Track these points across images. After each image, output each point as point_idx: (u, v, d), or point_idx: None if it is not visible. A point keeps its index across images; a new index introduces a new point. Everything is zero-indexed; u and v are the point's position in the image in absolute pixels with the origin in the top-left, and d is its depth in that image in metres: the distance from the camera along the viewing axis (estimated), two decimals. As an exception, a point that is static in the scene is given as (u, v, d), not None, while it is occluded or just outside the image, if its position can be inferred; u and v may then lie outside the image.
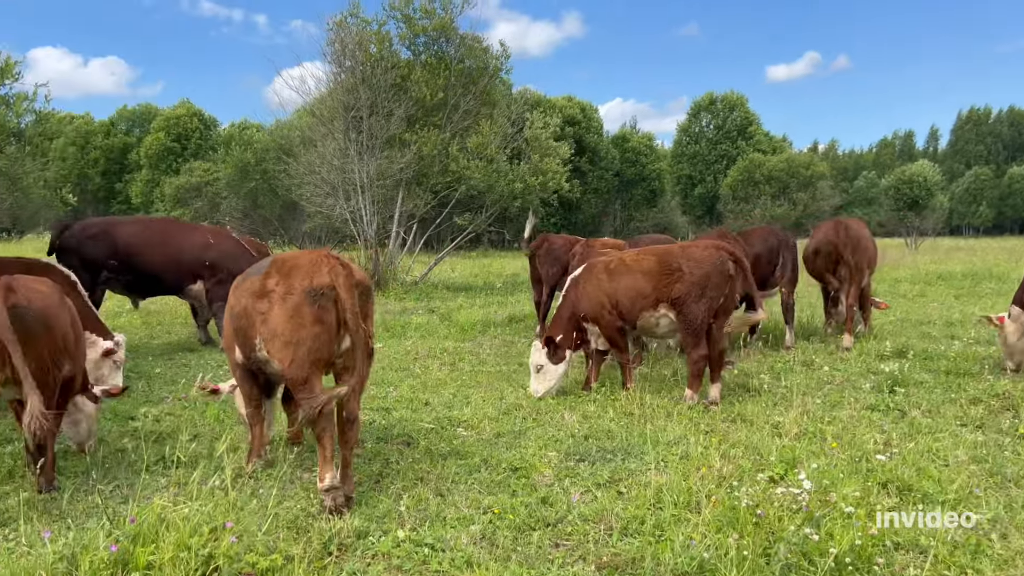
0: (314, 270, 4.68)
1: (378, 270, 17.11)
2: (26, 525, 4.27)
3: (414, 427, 6.58)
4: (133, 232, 10.47)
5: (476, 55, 18.20)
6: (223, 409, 7.14)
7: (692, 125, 67.50)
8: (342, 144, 17.24)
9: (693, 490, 4.79)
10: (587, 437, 6.19)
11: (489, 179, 17.69)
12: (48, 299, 4.99)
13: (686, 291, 7.11)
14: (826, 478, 4.92)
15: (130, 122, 68.19)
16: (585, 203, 55.59)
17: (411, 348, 10.73)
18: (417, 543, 4.21)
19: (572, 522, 4.52)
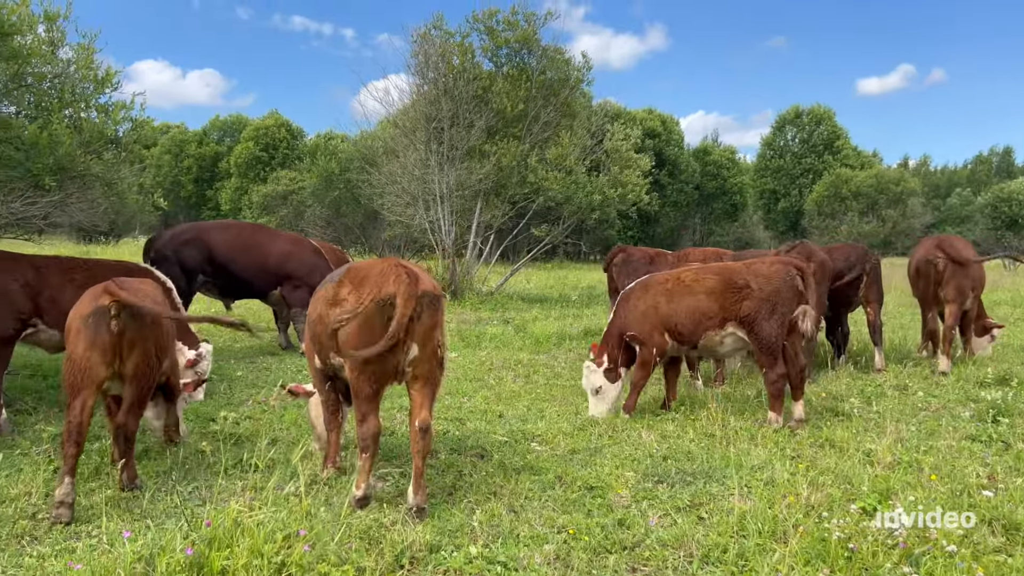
0: (383, 280, 4.68)
1: (455, 280, 17.21)
2: (108, 523, 4.37)
3: (488, 440, 6.50)
4: (227, 239, 10.79)
5: (558, 67, 18.16)
6: (301, 415, 7.23)
7: (776, 138, 65.81)
8: (423, 155, 17.44)
9: (779, 519, 4.55)
10: (666, 458, 5.98)
11: (567, 190, 17.60)
12: (157, 297, 5.26)
13: (756, 308, 6.85)
14: (925, 513, 4.59)
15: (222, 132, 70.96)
16: (664, 216, 54.82)
17: (486, 359, 10.69)
18: (490, 560, 4.11)
19: (650, 546, 4.34)
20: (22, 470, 5.39)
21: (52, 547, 4.23)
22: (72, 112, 7.82)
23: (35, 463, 5.58)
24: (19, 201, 6.72)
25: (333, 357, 5.00)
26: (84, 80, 8.08)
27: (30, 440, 6.25)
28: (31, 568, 3.97)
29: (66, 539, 4.36)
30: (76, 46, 8.15)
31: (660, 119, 56.89)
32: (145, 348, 4.99)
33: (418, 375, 4.80)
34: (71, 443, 4.72)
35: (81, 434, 4.75)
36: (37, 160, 6.87)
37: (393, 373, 4.80)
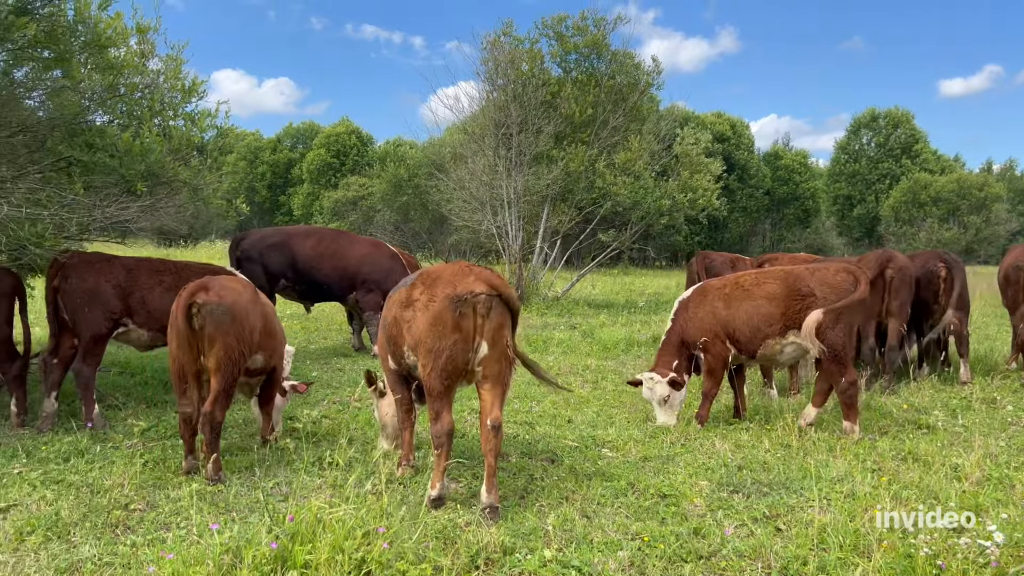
0: (456, 279, 4.83)
1: (521, 285, 17.26)
2: (196, 516, 4.54)
3: (558, 444, 6.51)
4: (309, 245, 11.11)
5: (627, 71, 18.06)
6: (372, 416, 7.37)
7: (851, 143, 63.86)
8: (491, 160, 17.57)
9: (861, 532, 4.42)
10: (741, 468, 5.88)
11: (636, 195, 17.47)
12: (239, 296, 5.55)
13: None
14: (1018, 531, 4.39)
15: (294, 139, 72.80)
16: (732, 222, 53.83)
17: (553, 364, 10.69)
18: (564, 564, 4.11)
19: (727, 556, 4.28)
20: (114, 463, 5.65)
21: (144, 536, 4.43)
22: (161, 120, 8.16)
23: (126, 456, 5.85)
24: (113, 206, 7.04)
25: (407, 356, 5.11)
26: (172, 90, 8.42)
27: (121, 434, 6.54)
28: (125, 556, 4.16)
29: (156, 529, 4.56)
30: (165, 57, 8.49)
31: (730, 123, 55.93)
32: (226, 343, 5.32)
33: (488, 375, 4.86)
34: (186, 429, 5.48)
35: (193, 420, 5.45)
36: (130, 166, 7.20)
37: (463, 371, 4.89)
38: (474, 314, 4.76)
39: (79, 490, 5.14)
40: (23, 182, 7.13)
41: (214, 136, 8.41)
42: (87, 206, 7.05)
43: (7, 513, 4.77)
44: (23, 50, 7.09)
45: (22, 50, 7.08)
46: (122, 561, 4.08)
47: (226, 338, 5.34)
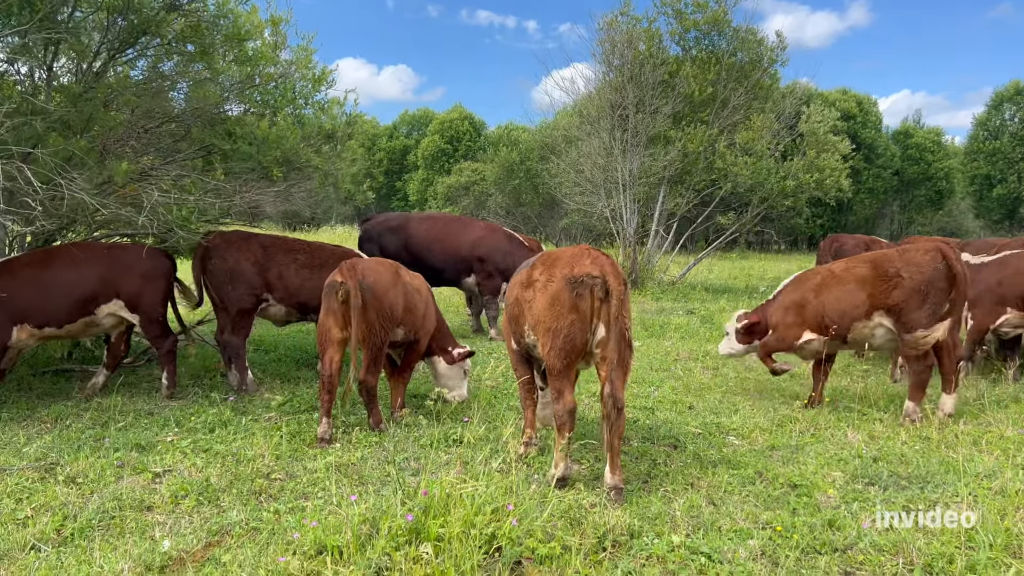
0: (575, 261, 4.91)
1: (636, 269, 17.04)
2: (334, 487, 4.75)
3: (680, 430, 6.41)
4: (424, 228, 11.40)
5: (749, 47, 17.39)
6: (495, 395, 7.50)
7: (992, 118, 59.19)
8: (606, 142, 17.36)
9: (1013, 532, 4.14)
10: (876, 459, 5.61)
11: (757, 176, 16.84)
12: (380, 275, 6.16)
13: (906, 298, 6.52)
14: None
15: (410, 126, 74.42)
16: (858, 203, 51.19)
17: (671, 349, 10.53)
18: (692, 550, 4.06)
19: (864, 550, 4.11)
20: (255, 434, 6.00)
21: (286, 504, 4.68)
22: (294, 109, 8.54)
23: (265, 429, 6.19)
24: (252, 191, 7.45)
25: (527, 335, 5.21)
26: (303, 79, 8.80)
27: (260, 408, 6.93)
28: (269, 521, 4.42)
29: (296, 498, 4.81)
30: (296, 48, 8.88)
31: (856, 100, 53.09)
32: (367, 317, 5.88)
33: (606, 356, 4.85)
34: (324, 391, 5.95)
35: (332, 383, 5.96)
36: (266, 153, 7.60)
37: (581, 351, 4.93)
38: (591, 296, 4.79)
39: (225, 459, 5.49)
40: (169, 169, 7.65)
41: (343, 123, 8.73)
42: (228, 191, 7.49)
43: (163, 477, 5.16)
44: (171, 44, 7.58)
45: (170, 44, 7.56)
46: (267, 527, 4.33)
47: (367, 313, 5.89)
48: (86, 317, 6.98)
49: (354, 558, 3.77)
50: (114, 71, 7.70)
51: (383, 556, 3.76)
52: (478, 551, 3.80)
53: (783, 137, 18.00)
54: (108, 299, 7.03)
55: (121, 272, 7.06)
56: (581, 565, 3.83)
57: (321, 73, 8.93)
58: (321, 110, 8.68)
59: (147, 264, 7.20)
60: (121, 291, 7.06)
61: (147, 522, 4.43)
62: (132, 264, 7.12)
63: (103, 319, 7.10)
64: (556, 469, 4.95)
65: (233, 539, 4.21)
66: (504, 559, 3.83)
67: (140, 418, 6.57)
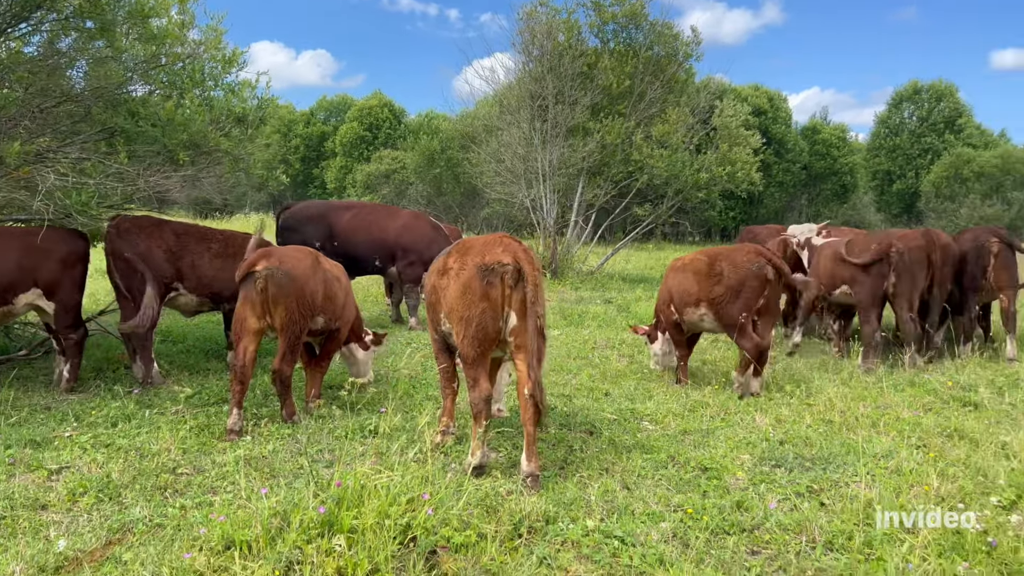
0: (487, 249, 4.93)
1: (555, 258, 17.18)
2: (244, 480, 4.61)
3: (596, 417, 6.50)
4: (347, 218, 11.17)
5: (666, 42, 17.74)
6: (413, 384, 7.44)
7: (892, 116, 62.29)
8: (526, 132, 17.42)
9: (908, 508, 4.36)
10: (782, 442, 5.82)
11: (672, 169, 17.21)
12: (300, 263, 6.05)
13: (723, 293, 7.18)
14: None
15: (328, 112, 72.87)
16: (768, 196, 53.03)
17: (589, 337, 10.67)
18: (607, 534, 4.12)
19: (770, 530, 4.26)
20: (161, 428, 5.76)
21: (192, 499, 4.52)
22: (202, 91, 8.21)
23: (172, 422, 5.96)
24: (156, 175, 7.12)
25: (443, 323, 5.22)
26: (212, 60, 8.46)
27: (167, 400, 6.66)
28: (175, 517, 4.25)
29: (204, 493, 4.65)
30: (205, 27, 8.52)
31: (767, 96, 54.90)
32: (287, 305, 5.80)
33: (520, 344, 4.86)
34: (237, 381, 5.76)
35: (245, 374, 5.78)
36: (172, 136, 7.27)
37: (495, 339, 4.94)
38: (502, 284, 4.81)
39: (128, 454, 5.25)
40: (68, 151, 7.24)
41: (254, 107, 8.45)
42: (131, 176, 7.14)
43: (60, 474, 4.90)
44: (68, 20, 7.16)
45: (67, 20, 7.15)
46: (172, 523, 4.17)
47: (288, 301, 5.82)
48: (3, 307, 6.57)
49: (264, 553, 3.66)
50: (6, 47, 7.23)
51: (294, 550, 3.67)
52: (392, 542, 3.75)
53: (697, 131, 18.46)
54: (27, 288, 6.63)
55: (39, 259, 6.65)
56: (496, 552, 3.84)
57: (232, 54, 8.60)
58: (231, 93, 8.37)
59: (65, 249, 6.81)
60: (39, 279, 6.66)
61: (41, 521, 4.20)
62: (51, 250, 6.71)
63: (20, 309, 6.70)
64: (473, 457, 4.94)
65: (135, 537, 4.03)
66: (419, 549, 3.79)
67: (35, 413, 6.23)
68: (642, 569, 3.79)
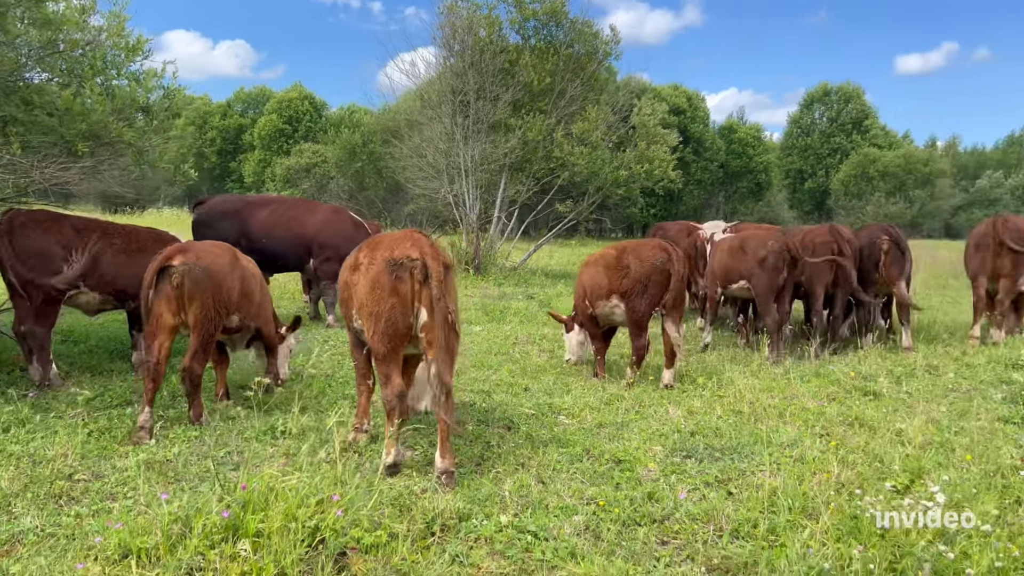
0: (396, 244, 4.90)
1: (478, 254, 17.17)
2: (144, 485, 4.43)
3: (515, 412, 6.52)
4: (267, 213, 10.86)
5: (586, 40, 17.92)
6: (328, 383, 7.30)
7: (804, 117, 64.73)
8: (448, 128, 17.33)
9: (810, 495, 4.53)
10: (693, 433, 5.96)
11: (593, 166, 17.42)
12: (217, 259, 5.88)
13: (632, 286, 7.40)
14: (958, 492, 4.54)
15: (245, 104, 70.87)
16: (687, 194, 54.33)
17: (510, 333, 10.69)
18: (520, 529, 4.13)
19: (680, 520, 4.35)
20: (57, 433, 5.48)
21: (89, 507, 4.31)
22: (104, 80, 7.83)
23: (70, 426, 5.67)
24: (53, 166, 6.76)
25: (355, 319, 5.16)
26: (115, 48, 8.08)
27: (65, 404, 6.34)
28: (69, 526, 4.05)
29: (102, 500, 4.44)
30: (107, 14, 8.14)
31: (686, 95, 56.17)
32: (203, 302, 5.65)
33: (431, 340, 4.83)
34: (149, 379, 5.59)
35: (159, 372, 5.62)
36: (70, 126, 6.91)
37: (406, 336, 4.89)
38: (411, 279, 4.77)
39: (20, 460, 4.97)
40: (-45, 141, 6.81)
41: (160, 97, 8.11)
42: (24, 167, 6.76)
43: (-56, 485, 4.60)
44: (-47, 2, 6.72)
45: (-48, 2, 6.71)
46: (66, 532, 3.97)
47: (204, 297, 5.68)
48: None
49: (164, 560, 3.53)
50: None
51: (196, 556, 3.54)
52: (300, 544, 3.67)
53: (617, 129, 18.72)
54: None
55: None
56: (408, 552, 3.79)
57: (136, 42, 8.24)
58: (136, 82, 8.01)
59: None
60: None
61: (-81, 537, 3.93)
62: None
63: None
64: (387, 456, 4.88)
65: (25, 548, 3.81)
66: (328, 551, 3.71)
67: (-83, 420, 5.83)
68: (554, 563, 3.81)
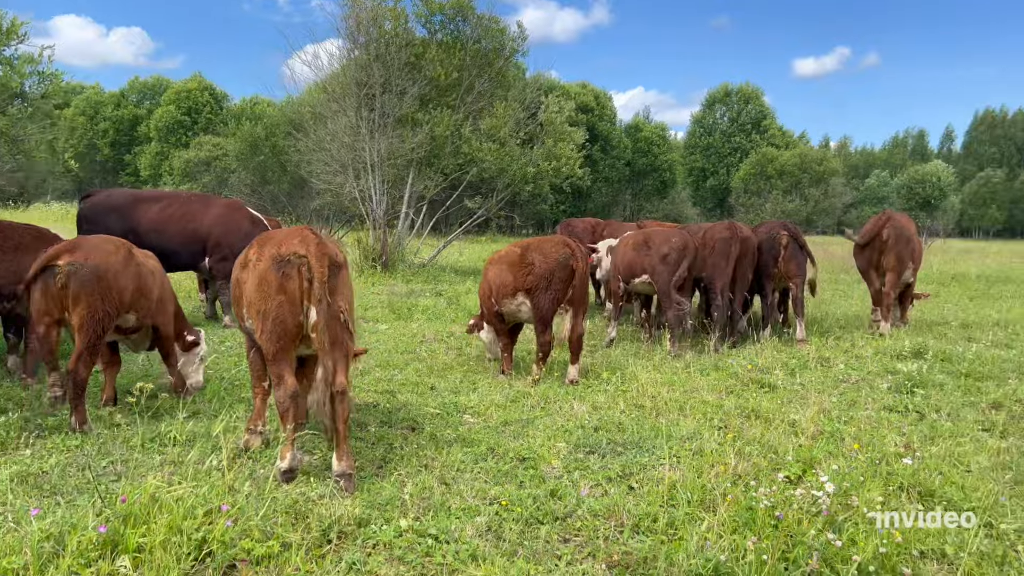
0: (285, 240, 4.75)
1: (386, 251, 16.90)
2: (16, 500, 4.11)
3: (419, 412, 6.41)
4: (157, 209, 10.35)
5: (493, 36, 17.89)
6: (224, 386, 7.00)
7: (706, 117, 66.92)
8: (353, 121, 16.98)
9: (708, 488, 4.61)
10: (597, 429, 6.00)
11: (501, 162, 17.41)
12: (107, 256, 5.61)
13: (536, 283, 7.43)
14: (846, 480, 4.72)
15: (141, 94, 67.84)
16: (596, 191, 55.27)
17: (417, 331, 10.56)
18: (420, 533, 4.04)
19: (582, 517, 4.35)
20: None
21: (-50, 526, 3.96)
22: (-28, 64, 7.27)
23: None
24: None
25: (247, 318, 4.97)
26: (-14, 30, 7.52)
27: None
28: (-74, 549, 3.70)
29: (-33, 518, 4.09)
30: (-24, -6, 7.56)
31: (594, 94, 57.10)
32: (91, 303, 5.40)
33: (324, 340, 4.69)
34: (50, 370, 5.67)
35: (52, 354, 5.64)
36: (-66, 113, 6.38)
37: (296, 335, 4.73)
38: (299, 277, 4.62)
39: None
40: None
41: (36, 83, 7.58)
42: None
43: None
44: None
45: None
46: (-79, 555, 3.62)
47: (91, 297, 5.41)
48: None
49: (32, 583, 3.26)
50: None
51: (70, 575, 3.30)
52: (186, 558, 3.47)
53: (524, 125, 18.78)
54: None
55: None
56: (302, 561, 3.64)
57: (11, 25, 7.69)
58: (9, 67, 7.46)
59: None
60: None
61: None
62: None
63: None
64: (282, 461, 4.70)
65: None
66: (215, 564, 3.53)
67: None
68: (455, 567, 3.74)
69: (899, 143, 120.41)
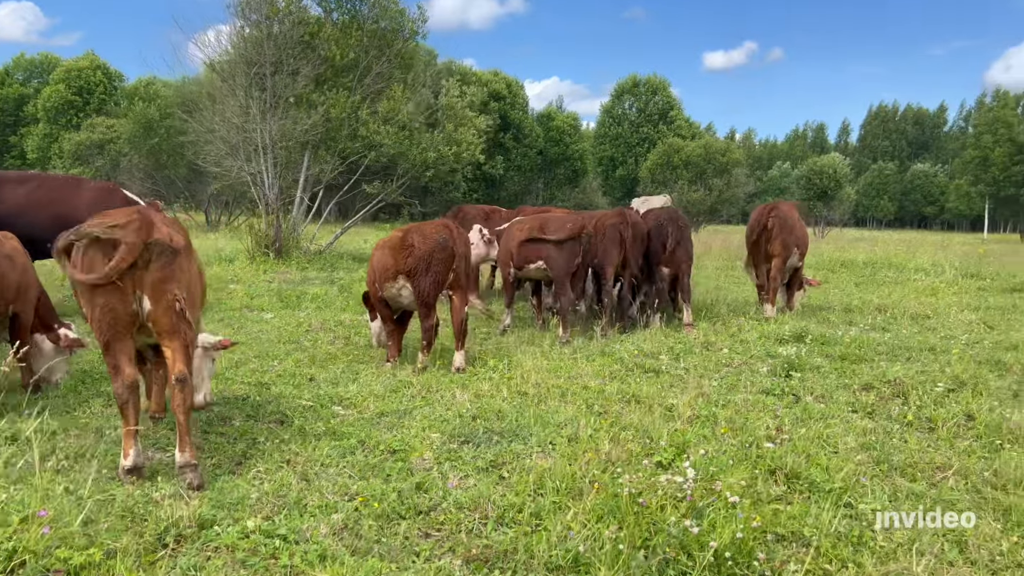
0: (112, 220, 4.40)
1: (279, 237, 16.29)
2: None
3: (291, 405, 6.11)
4: (23, 192, 9.61)
5: (391, 16, 17.44)
6: (82, 379, 6.53)
7: (615, 107, 67.81)
8: (243, 102, 16.26)
9: (577, 475, 4.51)
10: (476, 417, 5.84)
11: (401, 146, 17.03)
12: None
13: (415, 265, 7.30)
14: (714, 464, 4.70)
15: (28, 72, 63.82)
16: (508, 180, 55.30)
17: (304, 320, 10.17)
18: (268, 534, 3.77)
19: (446, 510, 4.17)
20: None
21: None
22: None
23: None
24: None
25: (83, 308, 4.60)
26: None
27: None
28: None
29: None
30: None
31: (506, 82, 57.00)
32: None
33: (161, 330, 4.40)
34: None
35: None
36: None
37: (130, 323, 4.39)
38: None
39: None
40: None
41: None
42: None
43: None
44: None
45: None
46: None
47: None
48: None
49: None
50: None
51: None
52: (-7, 572, 3.12)
53: (424, 109, 18.44)
54: None
55: None
56: (128, 570, 3.33)
57: None
58: None
59: None
60: None
61: None
62: None
63: None
64: (125, 459, 4.35)
65: None
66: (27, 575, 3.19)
67: None
68: (300, 568, 3.50)
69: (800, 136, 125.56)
